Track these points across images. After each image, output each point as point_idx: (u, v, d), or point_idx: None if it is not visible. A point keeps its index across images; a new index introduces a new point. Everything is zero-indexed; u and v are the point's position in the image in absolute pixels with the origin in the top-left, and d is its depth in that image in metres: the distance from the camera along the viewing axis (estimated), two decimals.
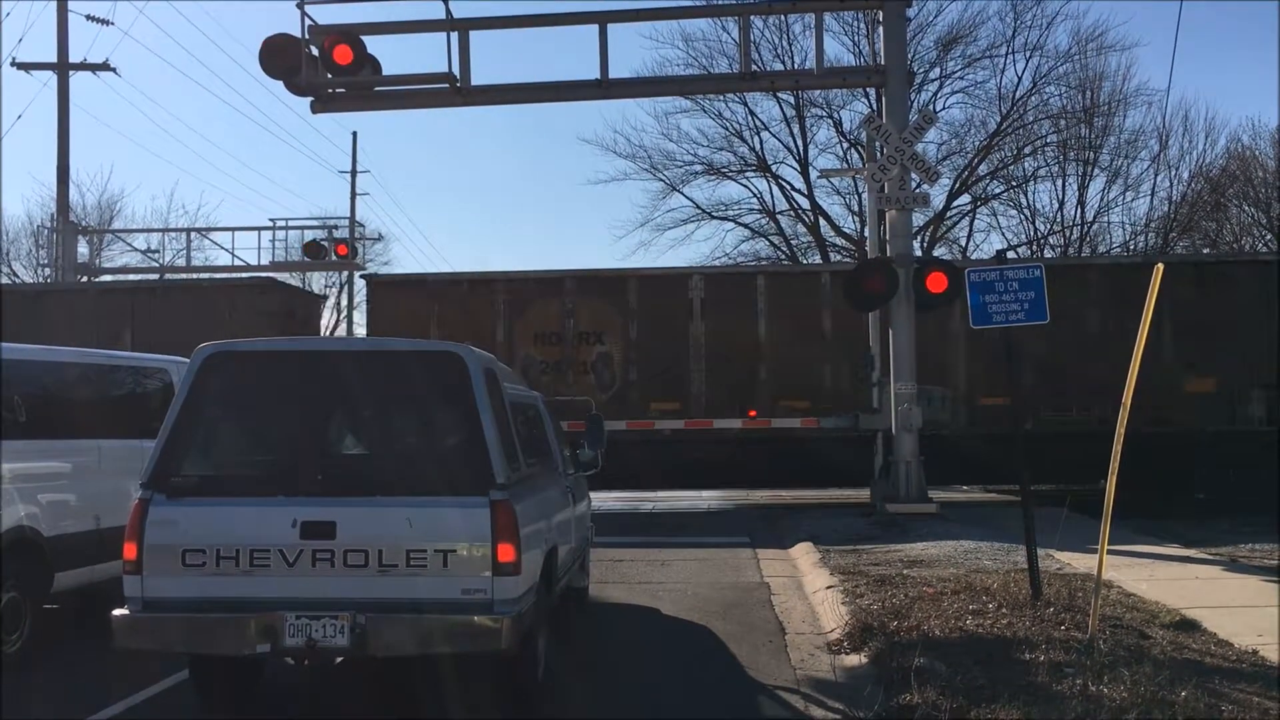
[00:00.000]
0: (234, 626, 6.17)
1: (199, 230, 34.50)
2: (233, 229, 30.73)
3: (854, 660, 8.13)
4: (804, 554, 13.45)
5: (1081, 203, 35.85)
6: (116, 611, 6.33)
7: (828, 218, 36.44)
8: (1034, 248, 35.45)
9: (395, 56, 45.27)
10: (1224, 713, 6.06)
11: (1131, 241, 35.70)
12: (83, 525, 9.22)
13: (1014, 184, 36.07)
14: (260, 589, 6.23)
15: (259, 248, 29.84)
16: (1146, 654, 7.30)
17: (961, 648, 7.60)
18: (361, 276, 20.67)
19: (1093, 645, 7.40)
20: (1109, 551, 8.01)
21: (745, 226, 37.28)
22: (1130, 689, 6.36)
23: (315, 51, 16.61)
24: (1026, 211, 36.69)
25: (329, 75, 16.77)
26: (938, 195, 33.91)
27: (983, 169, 35.79)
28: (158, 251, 34.02)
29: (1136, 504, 17.57)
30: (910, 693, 6.57)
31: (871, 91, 29.19)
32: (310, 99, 17.28)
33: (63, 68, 28.34)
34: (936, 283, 15.88)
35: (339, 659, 6.62)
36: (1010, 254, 29.99)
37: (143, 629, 6.31)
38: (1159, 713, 6.01)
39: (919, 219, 30.90)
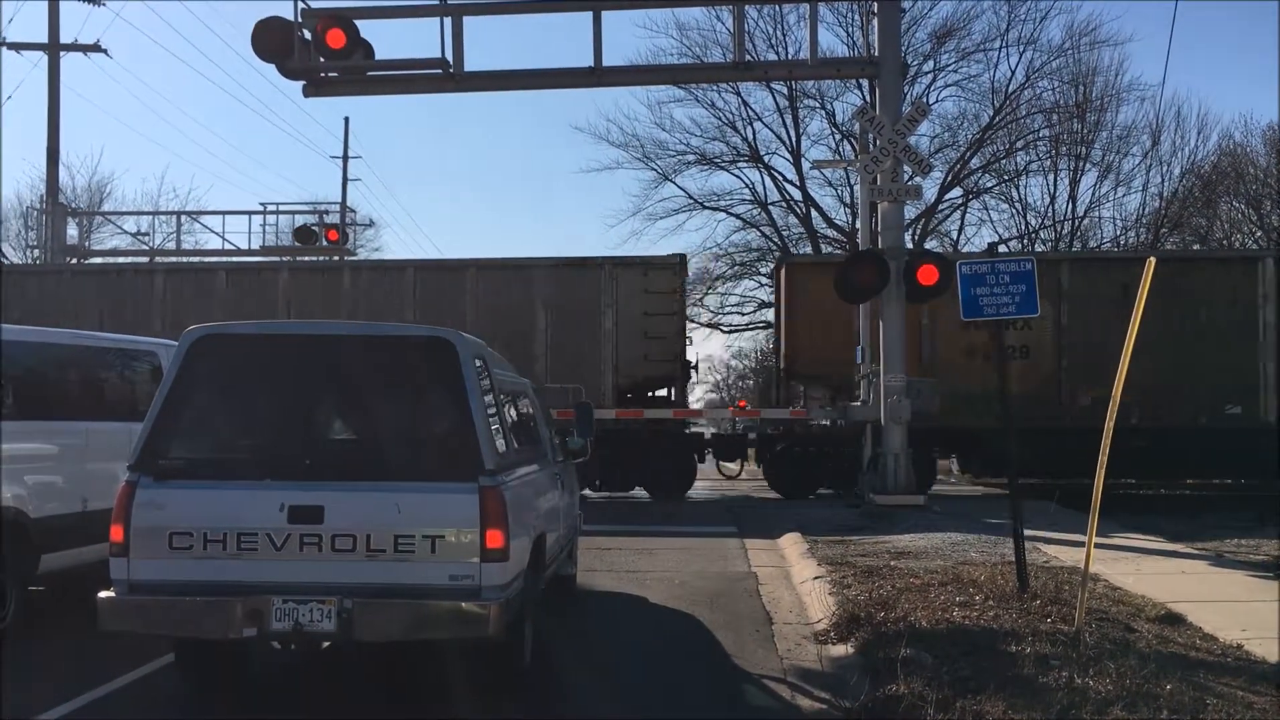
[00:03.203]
0: (220, 610, 6.14)
1: (189, 214, 34.38)
2: (223, 213, 30.72)
3: (841, 650, 8.14)
4: (792, 544, 13.46)
5: (1073, 197, 35.98)
6: (102, 593, 6.30)
7: (819, 209, 36.52)
8: (1025, 242, 35.52)
9: (388, 41, 45.25)
10: (1209, 706, 6.07)
11: (1122, 237, 35.82)
12: (69, 507, 9.18)
13: (1006, 178, 36.16)
14: (247, 573, 6.20)
15: (249, 232, 29.91)
16: (1132, 647, 7.32)
17: (948, 639, 7.61)
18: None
19: (1079, 638, 7.41)
20: (1096, 545, 8.03)
21: (737, 217, 37.37)
22: (1116, 682, 6.38)
23: (308, 35, 16.56)
24: (1018, 205, 36.83)
25: (321, 59, 16.72)
26: (929, 188, 34.02)
27: (975, 162, 35.89)
28: (148, 234, 33.91)
29: (1125, 499, 17.75)
30: (896, 683, 6.57)
31: (865, 83, 29.22)
32: (302, 83, 17.24)
33: (54, 48, 28.18)
34: (927, 275, 15.91)
35: (326, 643, 6.60)
36: (1001, 248, 29.99)
37: (129, 611, 6.28)
38: (1144, 705, 6.02)
39: (910, 212, 30.94)
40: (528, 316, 20.24)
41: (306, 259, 27.95)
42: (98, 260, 30.63)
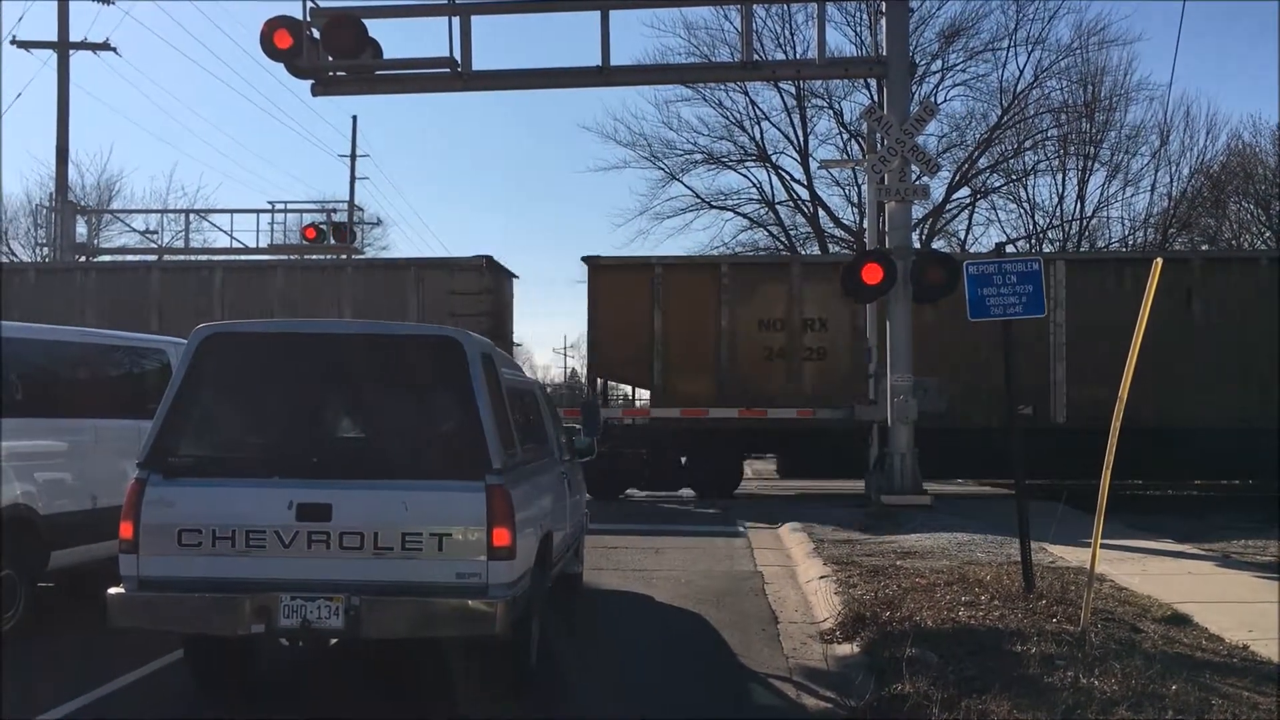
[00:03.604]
0: (229, 606, 6.17)
1: (198, 212, 34.51)
2: (231, 211, 30.76)
3: (846, 650, 8.16)
4: (798, 544, 13.48)
5: (1081, 197, 35.89)
6: (112, 590, 6.34)
7: (827, 209, 36.47)
8: (1033, 242, 35.45)
9: (396, 40, 45.35)
10: (1214, 707, 6.08)
11: (1130, 237, 35.74)
12: (79, 504, 9.23)
13: (1014, 178, 36.07)
14: (256, 570, 6.24)
15: (257, 230, 29.93)
16: (1138, 647, 7.33)
17: (953, 639, 7.63)
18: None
19: (1084, 638, 7.42)
20: (1102, 546, 8.03)
21: (744, 216, 37.32)
22: (1121, 682, 6.39)
23: (316, 34, 16.59)
24: (1026, 205, 36.73)
25: (330, 58, 16.76)
26: (937, 188, 33.94)
27: (983, 162, 35.82)
28: (156, 232, 34.04)
29: (1133, 499, 17.72)
30: (902, 682, 6.59)
31: (873, 83, 29.18)
32: (311, 82, 17.26)
33: (63, 46, 28.29)
34: (935, 275, 15.91)
35: (333, 640, 6.63)
36: (1009, 248, 29.79)
37: (138, 608, 6.32)
38: (1149, 706, 6.04)
39: (918, 211, 30.90)
40: (334, 317, 20.20)
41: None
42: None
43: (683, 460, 20.45)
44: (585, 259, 20.67)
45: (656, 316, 20.00)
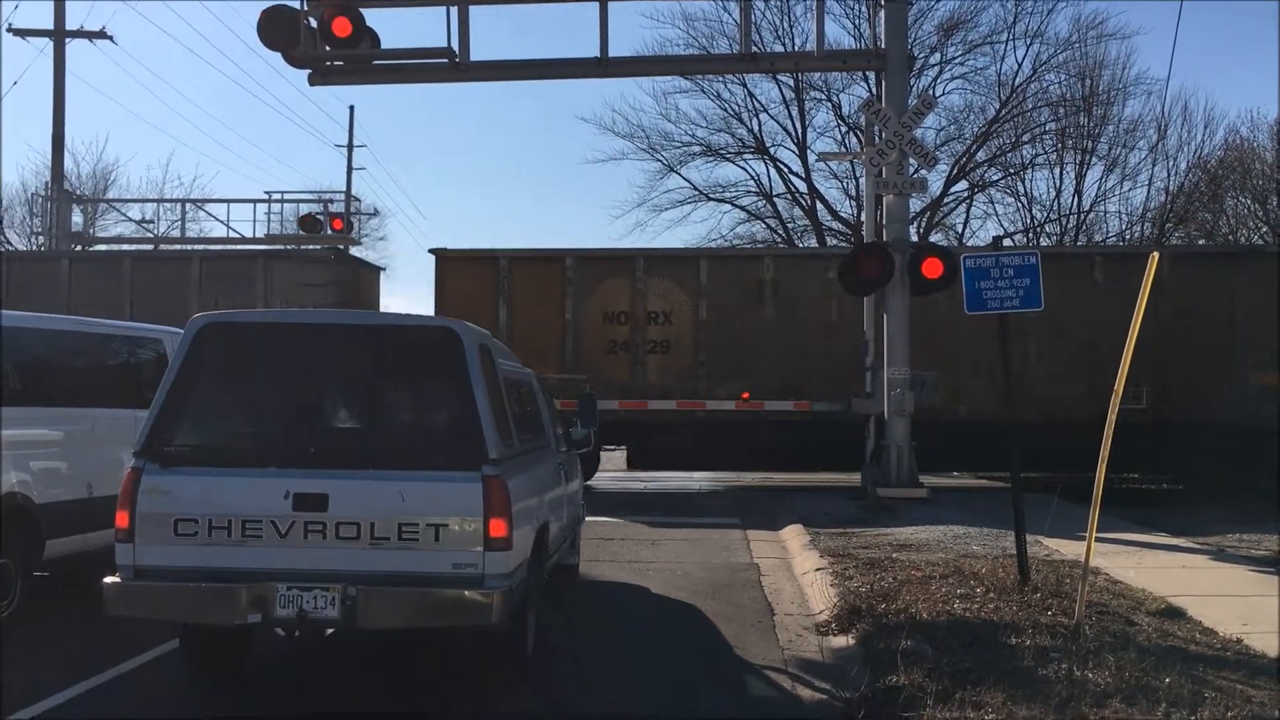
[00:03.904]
0: (225, 596, 6.18)
1: (194, 201, 34.34)
2: (228, 200, 30.62)
3: (842, 641, 8.17)
4: (794, 536, 13.49)
5: (1078, 191, 35.84)
6: (108, 579, 6.35)
7: (825, 201, 36.41)
8: (1030, 235, 35.47)
9: (395, 30, 45.35)
10: (1207, 699, 6.10)
11: (1127, 231, 35.75)
12: (75, 493, 9.23)
13: (1011, 171, 36.02)
14: (252, 559, 6.25)
15: (254, 220, 29.90)
16: (1131, 640, 7.35)
17: (948, 631, 7.65)
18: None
19: (1078, 631, 7.45)
20: (1098, 539, 8.05)
21: (742, 209, 37.24)
22: (1115, 674, 6.42)
23: (314, 23, 16.53)
24: (1023, 199, 36.67)
25: (327, 48, 16.68)
26: (935, 181, 33.84)
27: (981, 155, 35.72)
28: (152, 222, 33.91)
29: (1129, 493, 17.73)
30: (897, 674, 6.61)
31: (871, 75, 29.09)
32: (308, 71, 17.21)
33: (59, 34, 28.16)
34: (932, 268, 15.89)
35: (329, 631, 6.65)
36: (1006, 241, 29.83)
37: (134, 597, 6.33)
38: (1143, 698, 6.06)
39: (916, 204, 30.86)
40: (182, 309, 19.93)
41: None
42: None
43: None
44: (433, 251, 20.52)
45: (502, 308, 19.98)
